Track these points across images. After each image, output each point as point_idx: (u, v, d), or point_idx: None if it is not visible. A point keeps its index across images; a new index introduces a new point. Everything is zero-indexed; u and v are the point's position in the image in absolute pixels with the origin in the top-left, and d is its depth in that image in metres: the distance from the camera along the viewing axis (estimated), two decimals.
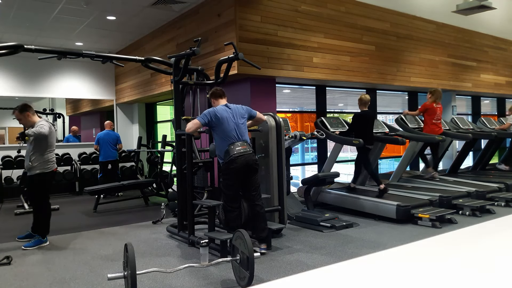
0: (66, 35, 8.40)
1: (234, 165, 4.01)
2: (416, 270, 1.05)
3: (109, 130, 8.21)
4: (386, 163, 10.93)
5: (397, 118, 7.47)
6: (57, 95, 9.94)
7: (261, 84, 6.48)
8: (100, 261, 4.10)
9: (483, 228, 1.43)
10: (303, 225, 5.30)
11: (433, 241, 1.26)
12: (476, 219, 5.52)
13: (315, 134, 5.86)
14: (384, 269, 1.06)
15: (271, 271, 3.66)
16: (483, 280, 0.96)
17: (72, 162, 9.05)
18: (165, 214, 5.81)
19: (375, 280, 0.98)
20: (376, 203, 5.57)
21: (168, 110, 10.68)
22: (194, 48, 4.42)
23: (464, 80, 9.61)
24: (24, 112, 4.68)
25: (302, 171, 9.12)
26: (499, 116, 11.24)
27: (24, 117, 4.69)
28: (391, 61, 7.98)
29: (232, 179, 4.10)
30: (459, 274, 1.00)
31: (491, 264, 1.06)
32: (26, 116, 4.69)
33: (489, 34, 10.27)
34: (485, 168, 8.94)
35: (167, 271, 3.38)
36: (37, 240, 4.62)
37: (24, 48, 4.40)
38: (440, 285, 0.93)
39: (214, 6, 6.38)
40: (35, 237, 4.64)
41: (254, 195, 4.16)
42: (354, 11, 7.34)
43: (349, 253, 4.15)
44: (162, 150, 8.07)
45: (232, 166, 4.02)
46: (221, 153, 4.12)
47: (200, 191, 6.05)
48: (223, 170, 4.16)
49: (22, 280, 3.59)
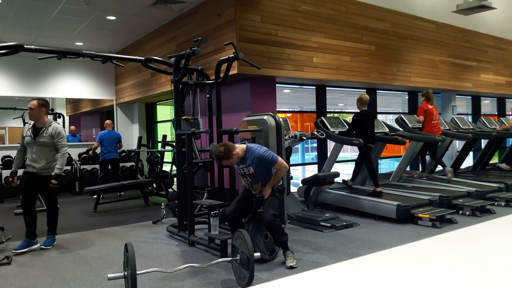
0: (66, 35, 8.40)
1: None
2: (416, 270, 1.05)
3: (110, 129, 8.22)
4: (386, 163, 10.93)
5: (397, 118, 7.47)
6: (57, 95, 9.94)
7: (261, 84, 6.48)
8: (100, 261, 4.10)
9: (483, 228, 1.43)
10: (303, 225, 5.30)
11: (433, 241, 1.26)
12: (476, 219, 5.52)
13: (315, 134, 5.86)
14: (384, 269, 1.06)
15: (271, 271, 3.66)
16: (483, 280, 0.96)
17: (72, 162, 9.05)
18: (165, 214, 5.81)
19: (375, 280, 0.98)
20: (376, 203, 5.57)
21: (168, 110, 10.68)
22: (194, 48, 4.42)
23: (464, 80, 9.62)
24: (42, 107, 4.60)
25: (302, 171, 9.12)
26: (499, 116, 11.25)
27: (40, 111, 4.57)
28: (391, 61, 7.98)
29: None
30: (459, 274, 1.00)
31: (491, 264, 1.06)
32: (42, 112, 4.60)
33: (489, 34, 10.27)
34: (485, 168, 8.94)
35: (167, 271, 3.38)
36: (53, 238, 4.71)
37: (24, 48, 4.40)
38: (440, 285, 0.93)
39: (214, 6, 6.38)
40: (48, 238, 4.70)
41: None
42: (354, 11, 7.34)
43: (349, 253, 4.14)
44: (162, 150, 8.07)
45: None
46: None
47: (200, 191, 6.05)
48: (282, 191, 4.19)
49: (22, 280, 3.59)
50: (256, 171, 3.90)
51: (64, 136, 4.63)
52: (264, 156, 3.85)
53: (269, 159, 3.85)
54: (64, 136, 4.64)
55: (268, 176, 3.98)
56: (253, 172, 3.91)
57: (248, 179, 4.02)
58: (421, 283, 0.95)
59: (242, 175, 4.07)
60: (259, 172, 3.91)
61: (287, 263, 3.77)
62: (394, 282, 0.96)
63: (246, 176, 4.01)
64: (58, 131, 4.59)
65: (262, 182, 3.97)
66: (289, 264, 3.76)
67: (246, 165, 3.91)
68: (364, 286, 0.94)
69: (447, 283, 0.94)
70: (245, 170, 3.96)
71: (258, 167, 3.87)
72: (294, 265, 3.76)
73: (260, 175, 3.94)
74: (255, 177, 3.96)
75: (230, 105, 6.61)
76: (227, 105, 6.44)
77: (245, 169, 3.95)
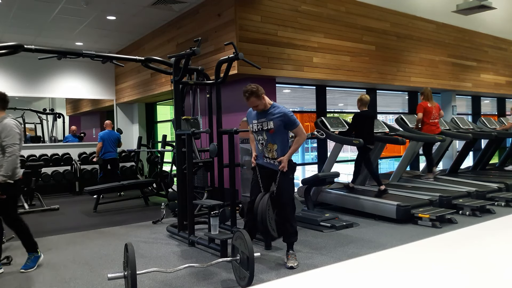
0: (66, 35, 8.40)
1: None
2: (416, 270, 1.05)
3: (110, 130, 8.22)
4: (386, 163, 10.93)
5: (397, 118, 7.47)
6: (57, 95, 9.94)
7: (261, 84, 6.34)
8: (100, 261, 4.10)
9: (483, 228, 1.43)
10: (303, 225, 5.30)
11: (433, 241, 1.26)
12: (476, 219, 5.52)
13: (315, 134, 5.86)
14: (384, 269, 1.06)
15: (271, 271, 3.66)
16: (483, 280, 0.96)
17: (72, 162, 9.05)
18: (165, 214, 5.81)
19: (375, 280, 0.98)
20: (376, 203, 5.57)
21: (168, 110, 10.68)
22: (194, 48, 4.42)
23: (464, 80, 9.62)
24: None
25: (302, 171, 9.11)
26: (499, 116, 11.25)
27: None
28: (391, 61, 7.98)
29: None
30: (459, 274, 1.00)
31: (491, 264, 1.06)
32: None
33: (489, 34, 10.27)
34: (485, 168, 8.94)
35: (167, 271, 3.38)
36: (35, 257, 3.97)
37: (24, 48, 4.40)
38: (440, 285, 0.93)
39: (214, 6, 6.38)
40: (29, 257, 3.94)
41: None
42: (354, 11, 7.34)
43: (349, 253, 4.14)
44: (162, 150, 8.07)
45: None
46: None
47: (200, 191, 6.05)
48: (294, 170, 4.07)
49: (22, 280, 3.59)
50: (275, 128, 3.81)
51: (12, 134, 3.74)
52: (289, 114, 3.82)
53: (293, 119, 3.83)
54: (13, 134, 3.75)
55: (283, 143, 3.88)
56: (272, 128, 3.81)
57: (264, 137, 3.88)
58: (421, 283, 0.95)
59: (258, 133, 3.93)
60: (277, 130, 3.82)
61: (288, 263, 3.78)
62: (394, 282, 0.96)
63: (263, 133, 3.88)
64: (5, 127, 3.74)
65: (278, 147, 3.87)
66: (289, 264, 3.76)
67: (268, 119, 3.84)
68: (364, 286, 0.94)
69: (447, 283, 0.94)
70: (263, 125, 3.86)
71: (279, 125, 3.80)
72: (294, 266, 3.76)
73: (277, 135, 3.84)
74: (272, 135, 3.84)
75: (230, 105, 6.61)
76: (227, 105, 6.43)
77: (264, 124, 3.85)
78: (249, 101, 3.84)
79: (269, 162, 3.93)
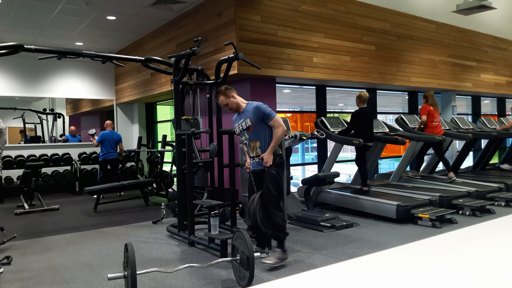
0: (66, 35, 8.40)
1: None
2: (416, 270, 1.05)
3: (111, 130, 8.21)
4: (386, 163, 10.93)
5: (397, 118, 7.47)
6: (57, 95, 9.94)
7: (261, 84, 6.48)
8: (100, 261, 4.10)
9: (483, 228, 1.43)
10: (303, 225, 5.30)
11: (433, 241, 1.26)
12: (476, 219, 5.52)
13: (315, 134, 5.86)
14: (384, 269, 1.06)
15: (271, 271, 3.66)
16: (483, 280, 0.96)
17: (72, 162, 9.06)
18: (165, 214, 5.81)
19: (375, 280, 0.98)
20: (376, 203, 5.57)
21: (168, 110, 10.68)
22: (194, 48, 4.42)
23: (464, 80, 9.62)
24: None
25: (302, 171, 9.12)
26: (499, 116, 11.25)
27: None
28: (391, 61, 7.98)
29: (282, 176, 3.92)
30: (459, 274, 1.00)
31: (491, 264, 1.06)
32: None
33: (489, 34, 10.27)
34: (485, 168, 8.94)
35: (167, 271, 3.38)
36: None
37: (24, 48, 4.40)
38: (440, 285, 0.93)
39: (214, 6, 6.38)
40: None
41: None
42: (354, 11, 7.34)
43: (349, 253, 4.14)
44: (162, 150, 8.07)
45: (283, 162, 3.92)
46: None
47: (200, 191, 6.06)
48: (280, 165, 3.85)
49: (22, 280, 3.59)
50: (253, 124, 3.79)
51: None
52: (262, 107, 3.80)
53: (267, 111, 3.78)
54: None
55: (265, 139, 3.84)
56: (250, 125, 3.80)
57: (246, 136, 3.87)
58: (421, 283, 0.95)
59: (241, 134, 3.91)
60: (256, 126, 3.79)
61: (265, 260, 3.69)
62: (394, 282, 0.96)
63: (244, 133, 3.87)
64: None
65: (261, 144, 3.83)
66: (264, 260, 3.67)
67: (245, 117, 3.84)
68: (364, 286, 0.94)
69: (447, 283, 0.94)
70: (243, 125, 3.86)
71: (255, 119, 3.78)
72: (267, 263, 3.66)
73: (257, 132, 3.80)
74: (252, 133, 3.82)
75: None
76: None
77: (243, 123, 3.85)
78: (219, 100, 4.02)
79: (257, 162, 3.91)
